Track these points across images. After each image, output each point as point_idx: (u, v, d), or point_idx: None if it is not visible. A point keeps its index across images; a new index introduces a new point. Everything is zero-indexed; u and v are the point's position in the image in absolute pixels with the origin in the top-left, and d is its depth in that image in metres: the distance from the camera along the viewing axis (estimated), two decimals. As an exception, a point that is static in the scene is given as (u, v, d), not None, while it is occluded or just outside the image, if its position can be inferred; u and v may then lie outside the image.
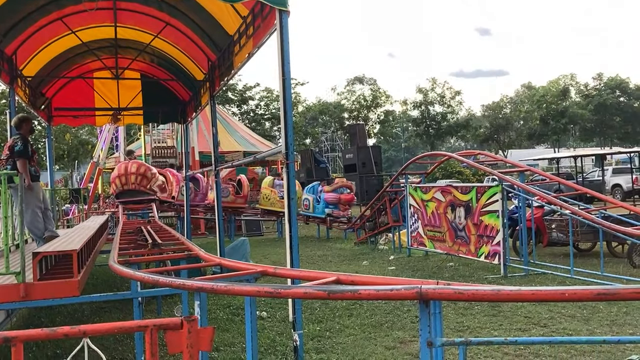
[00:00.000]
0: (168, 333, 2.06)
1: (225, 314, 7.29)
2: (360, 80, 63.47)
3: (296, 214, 5.18)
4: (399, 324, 6.43)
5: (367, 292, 2.77)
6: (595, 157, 18.67)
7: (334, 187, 16.53)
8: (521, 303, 6.73)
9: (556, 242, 10.99)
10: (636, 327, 5.97)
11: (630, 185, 23.72)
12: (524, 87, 69.75)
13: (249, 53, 6.88)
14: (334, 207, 16.20)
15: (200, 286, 3.27)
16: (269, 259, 12.37)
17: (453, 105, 60.66)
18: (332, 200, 16.16)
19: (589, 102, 56.32)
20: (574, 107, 56.13)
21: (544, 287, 2.80)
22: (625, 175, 25.90)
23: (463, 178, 39.69)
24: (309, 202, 16.79)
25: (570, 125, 56.59)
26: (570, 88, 60.62)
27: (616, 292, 2.54)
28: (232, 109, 49.34)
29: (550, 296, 2.67)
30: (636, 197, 18.65)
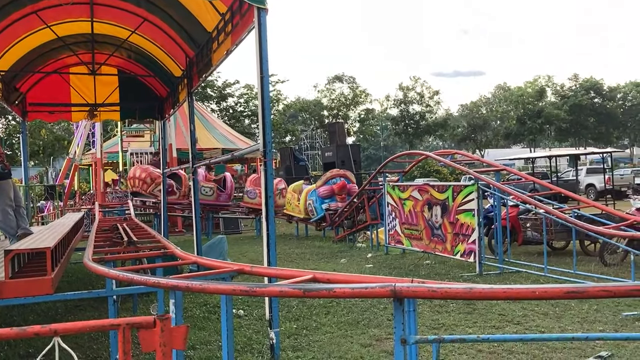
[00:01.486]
0: (141, 332, 2.05)
1: (201, 312, 7.26)
2: (339, 79, 63.60)
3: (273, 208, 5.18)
4: (375, 322, 6.47)
5: (342, 291, 2.79)
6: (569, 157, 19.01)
7: (325, 179, 15.54)
8: (495, 301, 6.82)
9: (531, 240, 11.16)
10: (606, 324, 6.09)
11: (603, 185, 24.15)
12: (499, 87, 70.53)
13: (228, 50, 6.86)
14: (331, 200, 15.19)
15: (175, 284, 3.26)
16: (247, 257, 12.34)
17: (432, 105, 61.15)
18: (326, 193, 15.22)
19: (564, 103, 57.20)
20: (549, 107, 56.96)
21: (516, 285, 2.85)
22: (598, 175, 26.38)
23: (440, 177, 40.05)
24: (312, 205, 15.71)
25: (546, 126, 57.40)
26: (547, 89, 61.51)
27: (585, 290, 2.60)
28: (211, 105, 49.03)
29: (522, 294, 2.73)
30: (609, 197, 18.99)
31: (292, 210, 16.50)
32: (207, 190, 16.73)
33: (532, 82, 63.27)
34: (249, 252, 13.31)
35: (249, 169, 26.63)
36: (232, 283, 3.16)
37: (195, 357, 5.43)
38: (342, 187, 15.07)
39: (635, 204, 9.94)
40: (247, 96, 50.40)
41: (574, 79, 60.08)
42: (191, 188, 9.71)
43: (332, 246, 14.07)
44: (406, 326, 2.86)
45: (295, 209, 16.34)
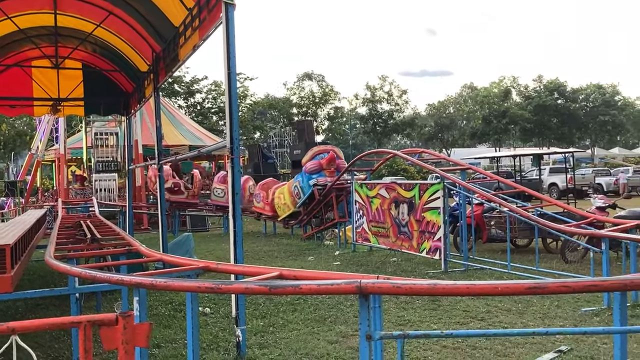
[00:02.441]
0: (103, 329, 2.02)
1: (167, 310, 7.18)
2: (309, 77, 63.61)
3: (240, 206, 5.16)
4: (342, 319, 6.50)
5: (309, 287, 2.80)
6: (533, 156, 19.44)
7: (312, 154, 14.58)
8: (460, 298, 6.93)
9: (495, 238, 11.36)
10: (566, 319, 6.25)
11: (565, 184, 24.75)
12: (466, 87, 71.59)
13: (195, 45, 6.79)
14: (319, 175, 14.14)
15: (139, 282, 3.22)
16: (214, 254, 12.25)
17: (400, 104, 61.68)
18: (314, 168, 14.20)
19: (528, 104, 58.36)
20: (514, 107, 58.05)
21: (478, 281, 2.90)
22: (561, 174, 27.01)
23: (408, 175, 40.48)
24: (298, 187, 14.63)
25: (511, 125, 58.49)
26: (512, 89, 62.67)
27: (545, 286, 2.67)
28: (179, 101, 48.47)
29: (484, 290, 2.78)
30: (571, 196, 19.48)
31: (283, 211, 15.55)
32: (219, 192, 16.51)
33: (497, 82, 64.39)
34: (216, 250, 13.22)
35: (216, 166, 26.43)
36: (198, 280, 3.13)
37: (160, 356, 5.37)
38: (331, 159, 14.19)
39: (595, 202, 10.19)
40: (215, 92, 50.01)
41: (538, 80, 61.36)
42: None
43: (300, 244, 14.08)
44: (371, 322, 2.88)
45: (284, 207, 15.44)
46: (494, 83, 64.59)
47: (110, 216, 17.72)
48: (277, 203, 15.59)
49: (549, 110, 57.57)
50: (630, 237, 6.81)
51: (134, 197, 17.79)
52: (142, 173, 21.02)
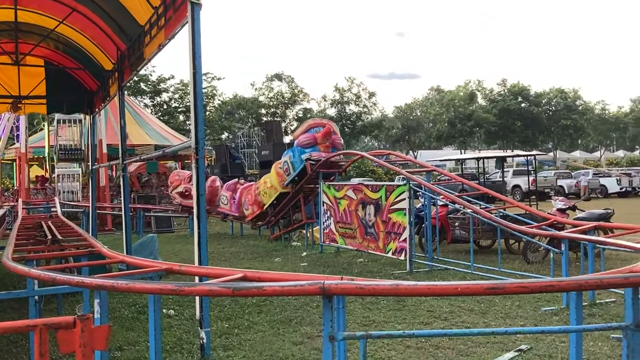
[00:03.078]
0: (60, 332, 1.99)
1: (130, 312, 7.07)
2: (279, 77, 63.44)
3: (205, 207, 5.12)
4: (307, 320, 6.51)
5: (272, 289, 2.80)
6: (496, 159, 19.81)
7: (306, 127, 13.34)
8: (424, 298, 7.01)
9: (459, 239, 11.54)
10: (527, 319, 6.39)
11: (528, 186, 25.28)
12: (433, 90, 72.51)
13: (160, 44, 6.71)
14: (312, 149, 12.94)
15: (100, 284, 3.17)
16: (179, 256, 12.12)
17: (368, 106, 62.05)
18: (307, 142, 12.96)
19: (493, 107, 59.42)
20: (479, 111, 59.03)
21: (439, 282, 2.96)
22: (524, 177, 27.59)
23: (376, 177, 40.75)
24: (288, 163, 13.39)
25: (476, 128, 59.46)
26: (477, 93, 63.73)
27: (503, 286, 2.73)
28: (145, 100, 47.78)
29: (445, 290, 2.83)
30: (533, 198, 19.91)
31: (269, 196, 14.30)
32: (224, 199, 16.02)
33: (463, 86, 65.37)
34: (181, 251, 13.07)
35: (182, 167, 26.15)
36: (160, 282, 3.10)
37: (123, 358, 5.29)
38: (327, 133, 12.92)
39: (556, 204, 10.44)
40: (182, 92, 49.44)
41: (502, 84, 62.53)
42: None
43: (267, 245, 14.03)
44: (335, 323, 2.90)
45: (270, 192, 14.21)
46: (459, 86, 65.57)
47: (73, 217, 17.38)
48: (262, 190, 14.54)
49: (513, 114, 58.72)
50: (588, 238, 7.00)
51: (98, 197, 17.46)
52: (106, 173, 20.65)
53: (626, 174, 34.88)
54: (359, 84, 61.71)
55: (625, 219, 16.41)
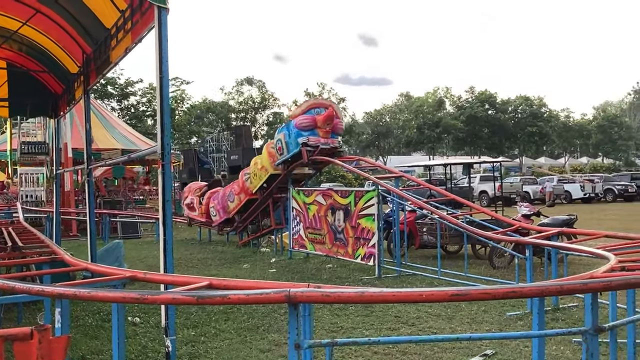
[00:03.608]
0: (16, 344, 1.93)
1: (94, 320, 6.94)
2: (249, 82, 63.24)
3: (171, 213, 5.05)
4: (275, 327, 6.48)
5: (237, 297, 2.79)
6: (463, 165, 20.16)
7: (306, 107, 11.93)
8: (392, 304, 7.06)
9: (427, 244, 11.65)
10: (492, 324, 6.48)
11: (494, 191, 25.71)
12: (402, 96, 73.23)
13: (127, 48, 6.61)
14: (310, 133, 11.56)
15: (61, 292, 3.10)
16: (145, 262, 11.95)
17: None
18: (305, 124, 11.56)
19: (461, 114, 60.29)
20: (447, 117, 59.83)
21: (404, 288, 2.97)
22: (491, 182, 28.04)
23: (346, 182, 40.94)
24: (282, 142, 12.13)
25: (444, 135, 60.24)
26: (445, 100, 64.61)
27: (467, 292, 2.77)
28: (112, 104, 47.06)
29: (409, 297, 2.85)
30: (500, 203, 20.26)
31: (258, 179, 13.20)
32: (213, 212, 15.22)
33: (432, 92, 66.20)
34: (148, 257, 12.88)
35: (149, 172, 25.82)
36: (123, 290, 3.05)
37: (85, 368, 5.18)
38: (329, 117, 11.57)
39: (521, 210, 10.64)
40: (150, 95, 48.86)
41: (470, 91, 63.51)
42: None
43: (236, 251, 13.94)
44: (301, 331, 2.90)
45: (260, 174, 13.09)
46: (428, 93, 66.38)
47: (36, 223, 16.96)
48: (252, 172, 13.41)
49: (480, 121, 59.67)
50: (551, 244, 7.14)
51: (62, 202, 17.07)
52: (71, 177, 20.24)
53: (589, 180, 35.77)
54: (329, 90, 61.97)
55: (589, 224, 16.83)
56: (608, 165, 59.13)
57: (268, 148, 12.97)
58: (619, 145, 64.13)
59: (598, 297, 3.16)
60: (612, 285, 3.25)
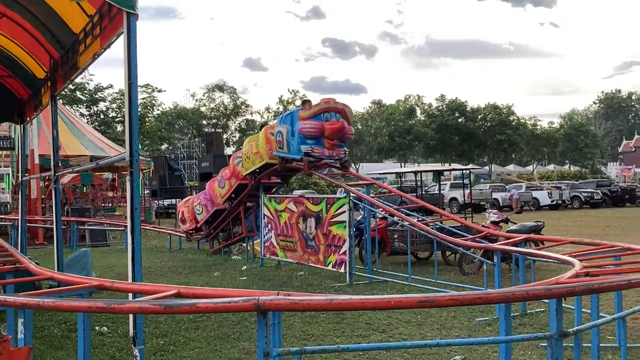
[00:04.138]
0: (-25, 356, 1.88)
1: (60, 330, 6.79)
2: (220, 88, 62.94)
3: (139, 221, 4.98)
4: (246, 335, 6.43)
5: (205, 306, 2.76)
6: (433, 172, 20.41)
7: (316, 110, 10.56)
8: (363, 311, 7.07)
9: (398, 251, 11.73)
10: (461, 329, 6.55)
11: (464, 198, 26.05)
12: (374, 104, 73.73)
13: (96, 53, 6.53)
14: (316, 143, 10.47)
15: (24, 302, 3.03)
16: (114, 271, 11.75)
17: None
18: (312, 132, 10.39)
19: (432, 122, 60.96)
20: (419, 125, 60.45)
21: (372, 295, 2.99)
22: (461, 189, 28.40)
23: (318, 189, 41.00)
24: (283, 136, 11.01)
25: (416, 142, 60.81)
26: (416, 108, 65.29)
27: (434, 299, 2.80)
28: (81, 109, 46.27)
29: (378, 304, 2.87)
30: (469, 210, 20.53)
31: (252, 163, 12.17)
32: (199, 209, 14.40)
33: (403, 100, 66.81)
34: (117, 265, 12.67)
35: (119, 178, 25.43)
36: (89, 300, 3.00)
37: (50, 380, 5.06)
38: (338, 130, 10.47)
39: (490, 217, 10.79)
40: (120, 101, 48.19)
41: (440, 99, 64.26)
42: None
43: (206, 259, 13.81)
44: (270, 339, 2.89)
45: (254, 158, 12.03)
46: (400, 101, 66.97)
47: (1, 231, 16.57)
48: (245, 153, 12.34)
49: (450, 129, 60.38)
50: (518, 250, 7.27)
51: (29, 210, 16.70)
52: (38, 184, 19.83)
53: (557, 187, 36.55)
54: (302, 96, 62.02)
55: (556, 230, 17.16)
56: (575, 173, 60.45)
57: (267, 133, 11.68)
58: (585, 153, 65.59)
59: (563, 302, 3.23)
60: (575, 290, 3.32)
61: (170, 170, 23.68)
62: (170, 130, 57.96)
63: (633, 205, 37.37)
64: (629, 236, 16.70)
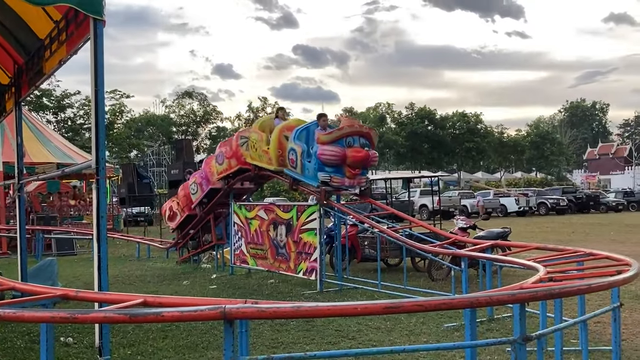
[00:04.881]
0: None
1: (23, 342, 6.62)
2: (189, 95, 62.43)
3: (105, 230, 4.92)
4: (215, 344, 6.38)
5: (171, 315, 2.75)
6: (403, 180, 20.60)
7: (335, 134, 9.40)
8: (333, 317, 7.08)
9: (369, 258, 11.79)
10: (430, 335, 6.61)
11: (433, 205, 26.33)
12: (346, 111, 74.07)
13: (62, 60, 6.45)
14: (335, 171, 9.42)
15: (-16, 314, 2.96)
16: (81, 280, 11.54)
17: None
18: (332, 159, 9.32)
19: (402, 129, 61.57)
20: (389, 133, 60.99)
21: (339, 302, 3.01)
22: (430, 196, 28.71)
23: (290, 197, 40.90)
24: (296, 154, 9.90)
25: (386, 150, 61.29)
26: (387, 116, 65.89)
27: (400, 305, 2.83)
28: (48, 116, 45.36)
29: (345, 311, 2.89)
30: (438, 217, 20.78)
31: (257, 158, 10.97)
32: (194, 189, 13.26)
33: (374, 108, 67.35)
34: (84, 275, 12.43)
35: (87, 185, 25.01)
36: (52, 310, 2.95)
37: (12, 393, 4.94)
38: (363, 160, 9.51)
39: (458, 223, 10.94)
40: (88, 108, 47.39)
41: (410, 107, 64.97)
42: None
43: (175, 268, 13.67)
44: (237, 347, 2.88)
45: (261, 155, 10.81)
46: (370, 108, 67.49)
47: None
48: (253, 140, 10.97)
49: (420, 137, 61.09)
50: (485, 256, 7.38)
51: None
52: (2, 192, 19.36)
53: (524, 194, 37.27)
54: (273, 104, 61.96)
55: (523, 236, 17.49)
56: (541, 180, 61.70)
57: (281, 136, 10.34)
58: (551, 161, 66.97)
59: (530, 307, 3.30)
60: (538, 295, 3.40)
61: (139, 178, 23.40)
62: (139, 137, 57.22)
63: (597, 211, 38.35)
64: (592, 242, 17.12)
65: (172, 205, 14.13)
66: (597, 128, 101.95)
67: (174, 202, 14.09)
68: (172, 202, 14.25)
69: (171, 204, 14.26)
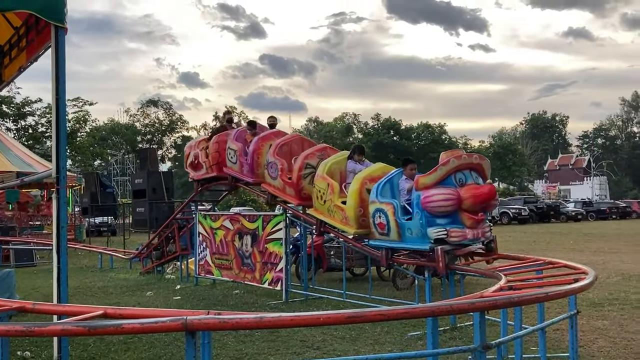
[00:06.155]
0: None
1: (-22, 356, 6.43)
2: (154, 103, 61.79)
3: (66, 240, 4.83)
4: (178, 356, 6.29)
5: (131, 326, 2.72)
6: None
7: (441, 172, 7.18)
8: (298, 327, 7.07)
9: (334, 267, 11.81)
10: (394, 344, 6.66)
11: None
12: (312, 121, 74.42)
13: (21, 67, 6.34)
14: (450, 222, 7.08)
15: (-64, 328, 2.87)
16: (40, 292, 11.24)
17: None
18: (443, 205, 7.01)
19: (368, 140, 62.14)
20: (355, 143, 61.47)
21: (302, 312, 3.02)
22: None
23: (257, 206, 40.75)
24: (386, 215, 7.67)
25: (353, 160, 61.77)
26: (353, 126, 66.42)
27: (363, 314, 2.86)
28: (7, 124, 44.21)
29: (307, 321, 2.90)
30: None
31: (327, 212, 8.99)
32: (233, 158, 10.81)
33: (340, 118, 67.82)
34: (43, 287, 12.11)
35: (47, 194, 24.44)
36: (7, 323, 2.87)
37: (-34, 410, 4.78)
38: (487, 197, 7.07)
39: (422, 233, 11.04)
40: (50, 116, 46.40)
41: (376, 118, 65.68)
42: None
43: (139, 278, 13.44)
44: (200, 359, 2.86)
45: (332, 211, 8.84)
46: (337, 118, 67.94)
47: None
48: (320, 187, 8.98)
49: (386, 147, 61.79)
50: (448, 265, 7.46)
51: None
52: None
53: (487, 204, 37.85)
54: (240, 113, 61.82)
55: (485, 246, 17.75)
56: (503, 190, 62.94)
57: (362, 189, 8.30)
58: (513, 171, 68.47)
59: (491, 315, 3.37)
60: (497, 304, 3.48)
61: (103, 187, 22.99)
62: (103, 146, 56.27)
63: (557, 221, 39.30)
64: (553, 250, 17.54)
65: (200, 154, 11.74)
66: (557, 139, 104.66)
67: (202, 151, 11.68)
68: (199, 149, 11.85)
69: (198, 150, 11.88)
